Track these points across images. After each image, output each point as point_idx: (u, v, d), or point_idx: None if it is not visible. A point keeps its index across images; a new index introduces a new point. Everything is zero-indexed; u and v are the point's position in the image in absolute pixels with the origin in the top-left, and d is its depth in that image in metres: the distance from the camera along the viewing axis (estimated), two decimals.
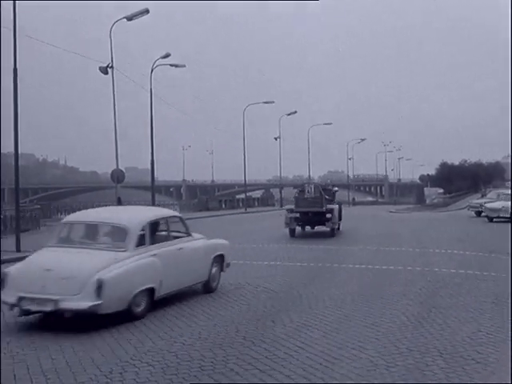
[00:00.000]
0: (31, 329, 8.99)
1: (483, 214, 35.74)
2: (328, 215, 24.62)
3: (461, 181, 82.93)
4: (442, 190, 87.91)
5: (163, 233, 11.22)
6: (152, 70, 37.92)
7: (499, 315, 9.67)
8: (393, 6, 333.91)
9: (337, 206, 25.94)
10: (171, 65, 39.67)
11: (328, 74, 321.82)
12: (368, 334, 8.44)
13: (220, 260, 12.46)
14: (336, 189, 28.36)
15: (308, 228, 26.38)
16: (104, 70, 30.85)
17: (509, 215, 32.45)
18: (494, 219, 33.87)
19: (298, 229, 25.94)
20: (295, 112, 67.73)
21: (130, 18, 30.70)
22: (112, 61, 30.98)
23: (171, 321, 9.44)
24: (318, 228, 25.99)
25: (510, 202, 33.42)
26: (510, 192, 37.48)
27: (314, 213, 24.88)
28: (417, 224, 34.62)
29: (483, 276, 13.93)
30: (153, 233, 10.60)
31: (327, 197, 25.43)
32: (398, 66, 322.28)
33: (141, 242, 10.11)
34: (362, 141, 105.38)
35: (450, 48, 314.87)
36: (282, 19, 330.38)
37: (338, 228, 26.41)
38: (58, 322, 9.15)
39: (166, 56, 37.64)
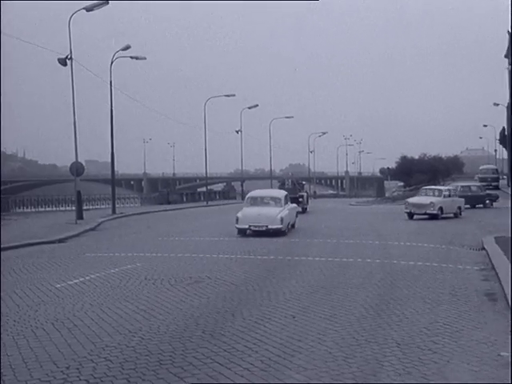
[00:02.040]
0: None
1: (405, 210, 32.27)
2: (300, 199, 37.55)
3: (420, 174, 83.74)
4: (402, 183, 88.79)
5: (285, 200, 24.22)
6: (112, 62, 37.52)
7: (455, 306, 9.85)
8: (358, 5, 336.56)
9: (305, 193, 41.12)
10: (131, 57, 39.27)
11: (292, 68, 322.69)
12: (327, 326, 8.51)
13: (296, 213, 26.01)
14: (304, 182, 45.81)
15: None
16: (63, 62, 30.38)
17: (436, 212, 30.35)
18: (415, 216, 31.24)
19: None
20: (257, 105, 67.77)
21: (89, 9, 30.28)
22: (71, 52, 30.55)
23: (130, 315, 9.34)
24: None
25: (439, 198, 31.30)
26: (436, 187, 35.92)
27: (291, 198, 34.80)
28: (376, 217, 34.96)
29: (441, 268, 14.17)
30: (285, 199, 24.00)
31: (299, 188, 39.80)
32: (360, 60, 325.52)
33: (285, 203, 23.64)
34: (324, 134, 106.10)
35: (414, 46, 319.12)
36: (246, 13, 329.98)
37: (307, 208, 39.22)
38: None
39: (127, 48, 37.23)
